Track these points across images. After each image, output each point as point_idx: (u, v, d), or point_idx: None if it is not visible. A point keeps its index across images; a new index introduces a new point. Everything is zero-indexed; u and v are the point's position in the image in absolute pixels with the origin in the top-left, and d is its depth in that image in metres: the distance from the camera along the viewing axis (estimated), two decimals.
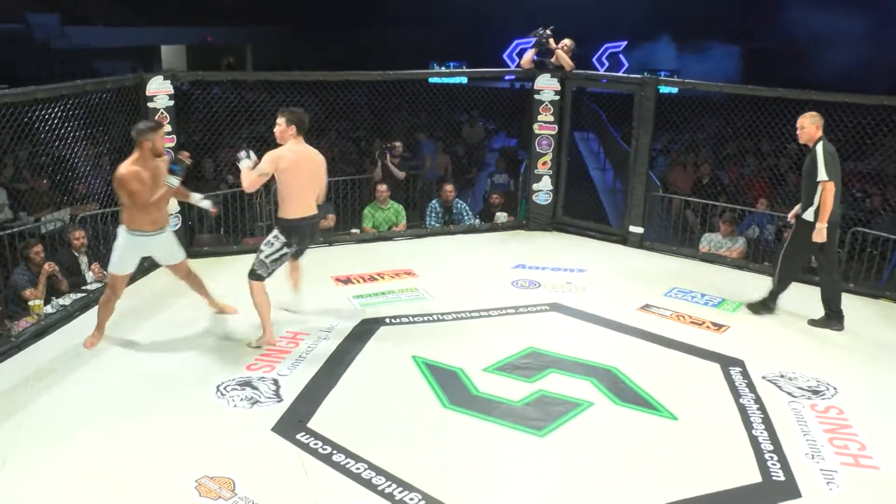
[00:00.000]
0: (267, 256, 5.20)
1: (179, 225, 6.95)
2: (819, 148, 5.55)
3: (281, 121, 5.09)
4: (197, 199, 5.63)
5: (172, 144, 6.78)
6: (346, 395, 4.64)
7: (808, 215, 5.62)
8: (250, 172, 5.04)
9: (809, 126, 5.62)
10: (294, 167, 5.06)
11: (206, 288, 5.65)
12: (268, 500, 3.56)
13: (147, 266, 6.66)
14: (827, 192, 5.48)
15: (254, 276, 5.22)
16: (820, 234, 5.54)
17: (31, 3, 23.09)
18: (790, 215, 5.96)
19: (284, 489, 3.68)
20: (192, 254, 7.04)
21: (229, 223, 8.03)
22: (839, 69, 18.87)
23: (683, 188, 10.00)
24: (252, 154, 5.07)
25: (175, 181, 5.06)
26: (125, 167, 4.93)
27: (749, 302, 6.15)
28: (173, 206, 6.85)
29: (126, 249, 5.12)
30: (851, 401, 4.69)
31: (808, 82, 8.41)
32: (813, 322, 5.86)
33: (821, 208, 5.52)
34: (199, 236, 7.85)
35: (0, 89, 5.55)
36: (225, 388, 4.62)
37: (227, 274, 6.66)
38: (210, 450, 3.97)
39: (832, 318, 5.81)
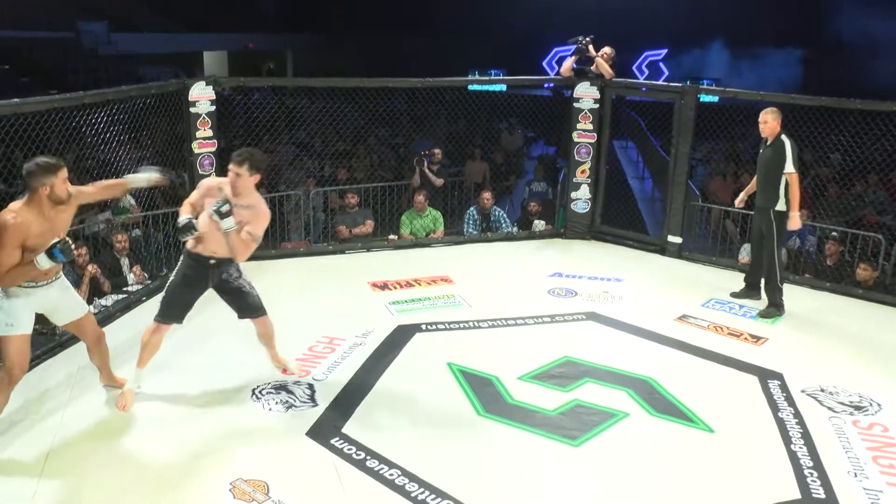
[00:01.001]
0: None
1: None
2: (786, 140, 5.97)
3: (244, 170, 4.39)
4: (135, 179, 4.61)
5: (213, 149, 6.88)
6: (380, 400, 4.66)
7: (781, 206, 6.01)
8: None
9: (773, 122, 6.02)
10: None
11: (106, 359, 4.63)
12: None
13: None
14: (795, 183, 5.96)
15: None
16: (795, 221, 6.04)
17: (81, 12, 23.63)
18: (739, 201, 6.66)
19: (317, 493, 3.71)
20: None
21: (267, 227, 8.09)
22: None
23: (723, 198, 9.87)
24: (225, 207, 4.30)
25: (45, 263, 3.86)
26: (9, 214, 3.81)
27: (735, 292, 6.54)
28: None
29: (13, 309, 3.95)
30: None
31: (864, 88, 8.23)
32: (735, 294, 6.50)
33: (792, 198, 5.98)
34: None
35: (50, 95, 5.68)
36: (260, 392, 4.67)
37: (261, 279, 6.70)
38: (245, 452, 4.02)
39: (756, 289, 6.42)
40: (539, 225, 8.39)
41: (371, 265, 7.23)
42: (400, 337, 5.54)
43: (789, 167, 5.95)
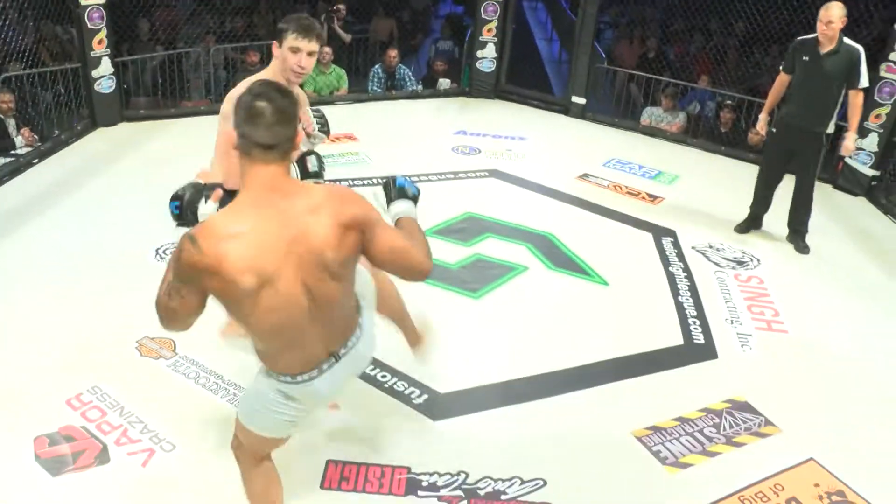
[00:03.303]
0: None
1: (114, 87, 6.69)
2: (857, 47, 4.83)
3: None
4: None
5: (102, 1, 6.40)
6: None
7: (832, 127, 4.99)
8: None
9: (839, 21, 4.77)
10: None
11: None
12: (208, 359, 3.62)
13: (80, 130, 6.47)
14: (861, 101, 4.93)
15: None
16: (851, 145, 5.02)
17: None
18: (762, 126, 5.34)
19: (224, 347, 3.71)
20: (127, 117, 6.86)
21: (167, 86, 7.75)
22: None
23: (629, 62, 9.94)
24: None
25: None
26: None
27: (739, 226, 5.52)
28: (106, 66, 6.57)
29: None
30: (772, 271, 4.92)
31: None
32: (741, 228, 5.48)
33: (855, 118, 4.93)
34: (135, 99, 7.59)
35: None
36: (164, 252, 4.59)
37: (163, 138, 6.52)
38: (151, 311, 3.94)
39: (759, 220, 5.48)
40: (444, 83, 8.31)
41: None
42: None
43: (864, 82, 4.87)
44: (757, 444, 3.35)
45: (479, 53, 8.09)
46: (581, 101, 7.83)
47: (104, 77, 6.58)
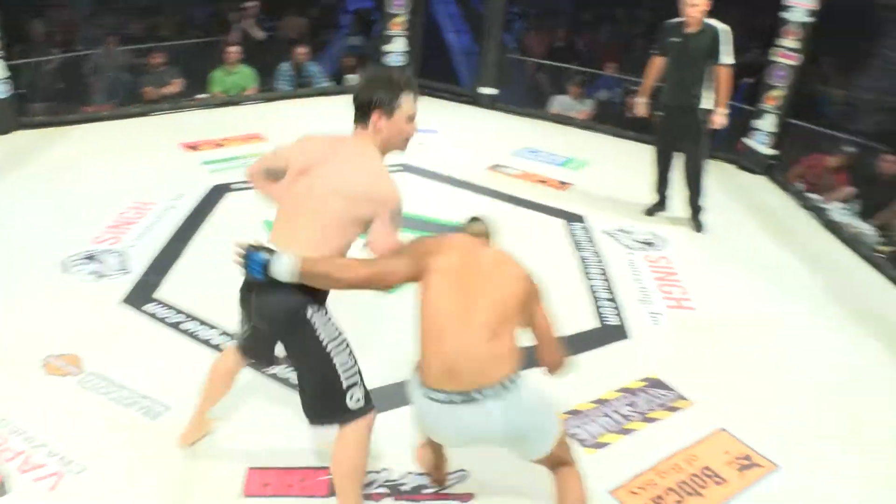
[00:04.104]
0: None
1: (11, 91, 6.41)
2: (721, 26, 5.04)
3: None
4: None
5: None
6: (195, 263, 4.58)
7: (707, 103, 5.13)
8: None
9: (704, 4, 5.01)
10: None
11: None
12: (119, 373, 3.51)
13: None
14: (730, 75, 5.10)
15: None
16: (722, 118, 5.17)
17: None
18: (640, 106, 5.50)
19: (134, 360, 3.62)
20: (23, 124, 6.59)
21: (67, 90, 7.48)
22: None
23: (539, 52, 10.07)
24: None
25: None
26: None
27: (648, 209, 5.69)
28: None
29: None
30: (679, 251, 5.09)
31: None
32: (650, 211, 5.64)
33: (725, 93, 5.10)
34: (32, 105, 7.29)
35: None
36: (70, 263, 4.45)
37: (64, 144, 6.29)
38: (56, 327, 3.84)
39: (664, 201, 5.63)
40: (354, 79, 8.26)
41: (182, 126, 6.91)
42: (214, 197, 5.41)
43: (727, 58, 5.04)
44: (670, 419, 3.46)
45: (385, 48, 8.06)
46: (490, 91, 7.90)
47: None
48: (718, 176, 6.56)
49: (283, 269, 2.35)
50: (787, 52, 6.35)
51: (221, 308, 3.98)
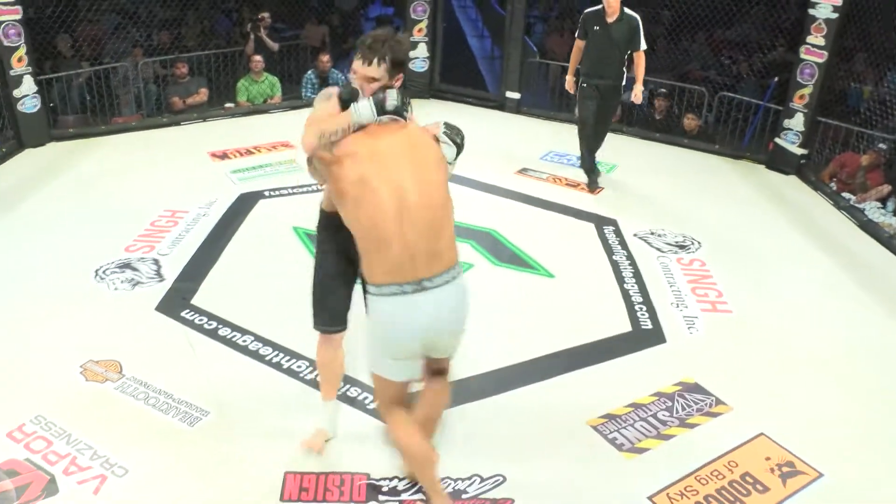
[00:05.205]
0: None
1: (38, 106, 6.49)
2: (635, 15, 5.66)
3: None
4: None
5: (18, 17, 6.20)
6: (228, 269, 4.60)
7: (625, 82, 5.85)
8: None
9: None
10: None
11: None
12: (156, 378, 3.54)
13: (6, 152, 6.26)
14: (644, 60, 5.73)
15: None
16: (640, 95, 5.81)
17: None
18: (569, 83, 6.08)
19: (172, 366, 3.65)
20: (55, 137, 6.68)
21: (96, 102, 7.56)
22: None
23: (560, 54, 10.04)
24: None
25: None
26: None
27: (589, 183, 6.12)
28: (29, 85, 6.38)
29: None
30: (712, 253, 5.03)
31: None
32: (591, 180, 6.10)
33: (640, 73, 5.73)
34: (63, 118, 7.38)
35: None
36: (104, 272, 4.48)
37: (94, 156, 6.36)
38: (93, 334, 3.87)
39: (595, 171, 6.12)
40: None
41: (209, 135, 6.96)
42: (243, 205, 5.43)
43: (643, 45, 5.68)
44: (709, 424, 3.42)
45: (410, 54, 8.07)
46: (515, 95, 7.89)
47: (27, 96, 6.38)
48: (749, 176, 6.53)
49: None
50: (814, 50, 6.29)
51: (256, 314, 4.02)
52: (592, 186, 6.02)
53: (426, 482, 2.80)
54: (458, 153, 2.73)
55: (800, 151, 6.51)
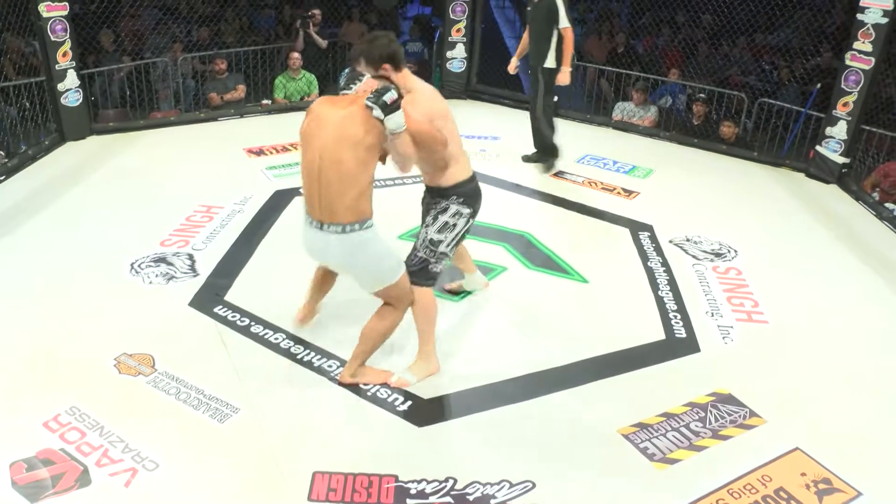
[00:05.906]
0: (448, 245, 3.56)
1: (80, 100, 6.58)
2: None
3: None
4: None
5: (65, 13, 6.30)
6: (262, 266, 4.63)
7: (550, 62, 5.97)
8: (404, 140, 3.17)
9: None
10: (446, 109, 3.51)
11: None
12: (188, 374, 3.56)
13: (49, 144, 6.37)
14: (569, 38, 5.87)
15: (421, 277, 3.52)
16: (566, 76, 5.95)
17: None
18: (512, 67, 6.50)
19: (204, 361, 3.68)
20: (96, 130, 6.77)
21: (135, 97, 7.66)
22: None
23: (598, 57, 9.98)
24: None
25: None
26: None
27: (527, 156, 6.51)
28: (72, 79, 6.48)
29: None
30: (749, 262, 4.95)
31: None
32: (527, 158, 6.48)
33: (566, 53, 5.89)
34: (104, 112, 7.49)
35: None
36: (139, 266, 4.53)
37: (133, 150, 6.44)
38: (127, 327, 3.91)
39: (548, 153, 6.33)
40: None
41: (246, 131, 7.01)
42: (278, 202, 5.46)
43: (564, 22, 5.83)
44: (743, 437, 3.36)
45: (448, 54, 8.08)
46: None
47: (70, 90, 6.48)
48: (788, 185, 6.42)
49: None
50: (860, 56, 6.16)
51: (289, 312, 4.03)
52: (544, 168, 6.32)
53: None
54: (388, 111, 3.03)
55: (841, 160, 6.39)
